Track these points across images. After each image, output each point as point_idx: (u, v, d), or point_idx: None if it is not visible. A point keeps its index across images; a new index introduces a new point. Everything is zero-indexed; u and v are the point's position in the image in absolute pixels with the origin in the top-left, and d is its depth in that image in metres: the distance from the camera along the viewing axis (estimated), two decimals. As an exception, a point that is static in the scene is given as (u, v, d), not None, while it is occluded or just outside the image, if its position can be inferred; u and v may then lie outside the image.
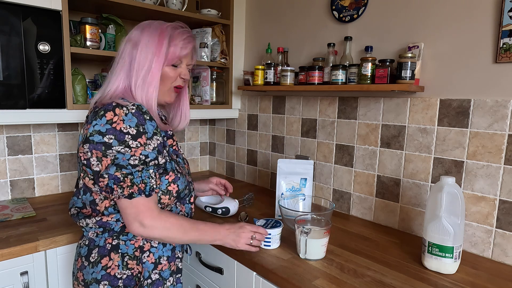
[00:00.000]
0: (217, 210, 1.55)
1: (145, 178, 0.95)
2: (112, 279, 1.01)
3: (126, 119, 0.93)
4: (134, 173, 0.94)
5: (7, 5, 1.34)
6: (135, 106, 0.96)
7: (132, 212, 0.96)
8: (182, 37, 1.05)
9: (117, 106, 0.94)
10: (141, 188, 0.94)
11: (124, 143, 0.93)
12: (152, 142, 0.97)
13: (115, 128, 0.92)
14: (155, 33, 1.02)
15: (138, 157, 0.94)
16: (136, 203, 0.95)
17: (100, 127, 0.93)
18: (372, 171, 1.58)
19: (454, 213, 1.09)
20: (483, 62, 1.24)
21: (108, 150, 0.92)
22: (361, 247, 1.31)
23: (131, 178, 0.93)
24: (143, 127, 0.96)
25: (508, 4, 1.15)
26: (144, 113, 0.97)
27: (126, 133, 0.93)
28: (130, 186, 0.93)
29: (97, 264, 1.02)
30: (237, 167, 2.30)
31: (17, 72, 1.39)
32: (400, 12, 1.45)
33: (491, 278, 1.12)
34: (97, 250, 1.03)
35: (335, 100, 1.70)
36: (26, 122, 1.48)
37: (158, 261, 1.07)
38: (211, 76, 2.08)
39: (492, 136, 1.23)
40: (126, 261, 1.03)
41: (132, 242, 1.04)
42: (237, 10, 2.09)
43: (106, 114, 0.94)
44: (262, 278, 1.18)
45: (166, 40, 1.02)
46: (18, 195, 1.78)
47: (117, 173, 0.93)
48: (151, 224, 0.96)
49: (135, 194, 0.94)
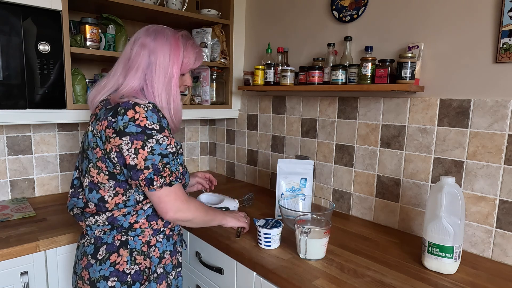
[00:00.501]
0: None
1: (177, 166, 1.03)
2: (121, 275, 1.04)
3: (148, 115, 0.98)
4: (170, 161, 1.00)
5: (7, 5, 1.34)
6: (151, 104, 1.00)
7: (171, 199, 1.01)
8: (195, 50, 1.13)
9: (136, 104, 0.98)
10: (177, 175, 1.02)
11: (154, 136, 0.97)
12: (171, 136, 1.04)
13: (139, 125, 0.96)
14: (171, 42, 1.08)
15: (174, 145, 1.01)
16: (174, 189, 1.02)
17: (123, 124, 0.96)
18: (372, 171, 1.58)
19: (454, 213, 1.09)
20: (483, 62, 1.24)
21: (150, 138, 0.97)
22: (361, 247, 1.31)
23: (169, 167, 1.00)
24: (162, 123, 1.01)
25: (508, 4, 1.15)
26: (158, 111, 1.02)
27: (152, 128, 0.97)
28: (170, 175, 1.00)
29: (105, 261, 1.04)
30: (237, 167, 2.30)
31: (17, 72, 1.39)
32: (400, 12, 1.45)
33: (491, 278, 1.12)
34: (105, 247, 1.05)
35: (335, 100, 1.70)
36: (26, 122, 1.48)
37: (163, 255, 1.11)
38: (211, 76, 2.08)
39: (492, 136, 1.23)
40: (134, 257, 1.05)
41: (140, 237, 1.07)
42: (237, 10, 2.09)
43: (128, 112, 0.97)
44: (262, 278, 1.18)
45: (181, 50, 1.09)
46: (18, 195, 1.78)
47: (160, 163, 0.98)
48: (185, 207, 1.04)
49: (174, 181, 1.01)
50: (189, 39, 1.13)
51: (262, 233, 1.26)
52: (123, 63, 1.09)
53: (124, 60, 1.09)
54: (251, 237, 1.36)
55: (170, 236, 1.14)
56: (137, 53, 1.07)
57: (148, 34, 1.08)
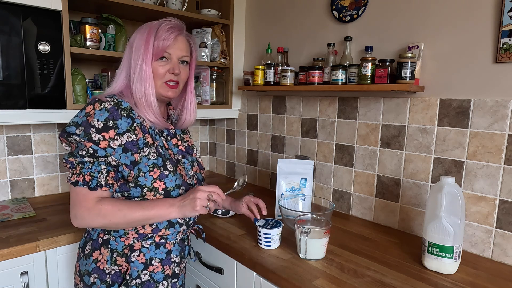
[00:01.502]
0: (217, 210, 1.55)
1: (94, 172, 0.97)
2: (101, 273, 1.04)
3: (98, 113, 0.97)
4: (85, 163, 0.97)
5: (7, 5, 1.34)
6: (114, 102, 1.00)
7: (72, 200, 0.99)
8: (165, 29, 1.05)
9: (97, 101, 1.00)
10: (86, 180, 0.97)
11: (88, 135, 0.96)
12: (120, 138, 0.98)
13: (87, 121, 0.97)
14: (145, 32, 1.05)
15: (89, 149, 0.96)
16: (78, 192, 0.98)
17: (78, 118, 0.98)
18: (372, 171, 1.58)
19: (454, 213, 1.09)
20: (483, 62, 1.24)
21: (69, 137, 0.98)
22: (361, 247, 1.31)
23: (81, 167, 0.97)
24: (114, 122, 0.98)
25: (508, 4, 1.15)
26: (122, 110, 1.00)
27: (93, 126, 0.96)
28: (77, 174, 0.98)
29: (89, 257, 1.05)
30: (237, 167, 2.30)
31: (17, 72, 1.39)
32: (400, 12, 1.45)
33: (491, 278, 1.12)
34: (91, 243, 1.07)
35: (335, 100, 1.70)
36: (26, 122, 1.48)
37: (149, 262, 1.06)
38: (211, 76, 2.08)
39: (492, 136, 1.23)
40: (115, 257, 1.05)
41: (123, 239, 1.05)
42: (237, 10, 2.09)
43: (87, 107, 0.99)
44: (262, 278, 1.18)
45: (153, 35, 1.04)
46: (18, 195, 1.78)
47: (71, 159, 0.98)
48: (84, 215, 0.98)
49: (80, 183, 0.97)
50: (164, 23, 1.06)
51: (262, 233, 1.26)
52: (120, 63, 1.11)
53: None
54: (251, 237, 1.36)
55: (161, 244, 1.08)
56: (124, 52, 1.09)
57: (136, 31, 1.09)
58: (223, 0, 2.08)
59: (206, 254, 1.45)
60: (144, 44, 1.03)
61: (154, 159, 1.04)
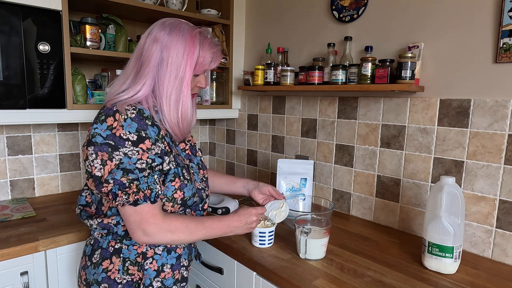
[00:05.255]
0: (217, 210, 1.55)
1: (151, 184, 0.93)
2: (112, 283, 1.00)
3: (125, 124, 0.91)
4: (140, 178, 0.91)
5: (7, 5, 1.34)
6: (136, 110, 0.94)
7: (137, 220, 0.93)
8: (212, 49, 1.02)
9: (117, 111, 0.93)
10: (146, 195, 0.92)
11: (127, 148, 0.91)
12: (155, 147, 0.95)
13: (115, 134, 0.91)
14: (186, 39, 0.99)
15: (145, 161, 0.92)
16: (140, 210, 0.92)
17: (101, 131, 0.92)
18: (372, 171, 1.58)
19: (454, 213, 1.09)
20: (483, 62, 1.24)
21: (115, 151, 0.90)
22: (361, 247, 1.31)
23: (137, 184, 0.91)
24: (145, 132, 0.93)
25: (508, 4, 1.15)
26: (145, 118, 0.95)
27: (126, 139, 0.91)
28: (136, 193, 0.91)
29: (98, 266, 1.01)
30: (237, 167, 2.30)
31: (17, 72, 1.39)
32: (400, 12, 1.45)
33: (491, 278, 1.12)
34: (99, 251, 1.02)
35: (335, 100, 1.70)
36: (26, 122, 1.48)
37: (161, 268, 1.04)
38: (211, 76, 2.08)
39: (492, 136, 1.23)
40: (127, 266, 1.01)
41: (135, 247, 1.02)
42: (237, 10, 2.09)
43: (107, 119, 0.92)
44: (262, 278, 1.18)
45: (197, 49, 0.99)
46: (18, 195, 1.78)
47: (123, 178, 0.90)
48: (154, 231, 0.94)
49: (140, 200, 0.91)
50: (207, 38, 1.02)
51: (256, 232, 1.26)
52: (136, 57, 1.02)
53: (136, 54, 1.02)
54: (251, 237, 1.36)
55: (172, 249, 1.06)
56: (149, 47, 0.99)
57: (163, 27, 1.00)
58: (223, 0, 2.08)
59: (206, 254, 1.45)
60: (189, 53, 0.98)
61: (174, 168, 1.01)
